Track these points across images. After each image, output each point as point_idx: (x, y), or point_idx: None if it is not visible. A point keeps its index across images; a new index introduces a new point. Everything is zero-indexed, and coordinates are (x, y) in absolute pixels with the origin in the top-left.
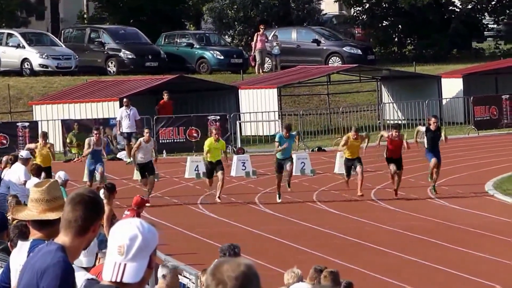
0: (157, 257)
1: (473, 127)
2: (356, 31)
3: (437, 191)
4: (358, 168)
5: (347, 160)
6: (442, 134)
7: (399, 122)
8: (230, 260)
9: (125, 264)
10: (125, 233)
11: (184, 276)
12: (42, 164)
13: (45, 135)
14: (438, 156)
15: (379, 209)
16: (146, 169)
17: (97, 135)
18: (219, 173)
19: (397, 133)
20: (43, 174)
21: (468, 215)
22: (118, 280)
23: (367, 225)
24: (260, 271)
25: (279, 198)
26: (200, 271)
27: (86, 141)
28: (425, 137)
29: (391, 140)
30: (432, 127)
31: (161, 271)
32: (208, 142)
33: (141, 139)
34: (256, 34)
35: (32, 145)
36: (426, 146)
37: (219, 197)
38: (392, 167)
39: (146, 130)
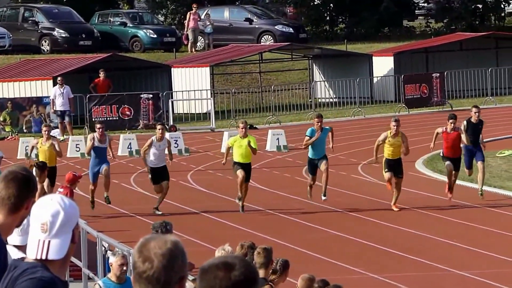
0: (90, 234)
1: (404, 105)
2: (288, 10)
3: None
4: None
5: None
6: (463, 137)
7: (453, 113)
8: (157, 237)
9: (49, 241)
10: (47, 210)
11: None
12: (47, 162)
13: (49, 128)
14: (480, 151)
15: (304, 184)
16: (160, 175)
17: (101, 129)
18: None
19: (452, 125)
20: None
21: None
22: (44, 257)
23: (294, 201)
24: (191, 248)
25: (310, 195)
26: (132, 249)
27: (89, 136)
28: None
29: (447, 135)
30: (474, 119)
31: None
32: (232, 139)
33: (153, 137)
34: (189, 13)
35: (33, 141)
36: (465, 142)
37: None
38: (449, 167)
39: (158, 127)
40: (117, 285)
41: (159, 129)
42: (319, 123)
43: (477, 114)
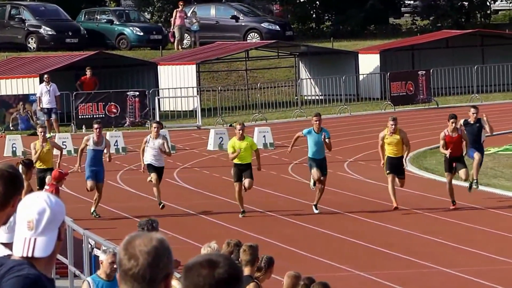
0: (76, 232)
1: (390, 103)
2: (275, 7)
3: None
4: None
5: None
6: (486, 126)
7: (454, 113)
8: (142, 234)
9: (35, 239)
10: (33, 207)
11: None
12: (43, 165)
13: (45, 129)
14: (481, 150)
15: (293, 182)
16: (158, 173)
17: (98, 129)
18: (246, 182)
19: (453, 124)
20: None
21: (382, 189)
22: (30, 255)
23: (280, 199)
24: (177, 245)
25: (316, 209)
26: (118, 246)
27: (85, 138)
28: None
29: (450, 138)
30: (472, 120)
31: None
32: (231, 143)
33: (148, 136)
34: (175, 10)
35: (33, 145)
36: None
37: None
38: (449, 176)
39: (154, 125)
40: (106, 282)
41: (155, 127)
42: (318, 122)
43: (475, 114)
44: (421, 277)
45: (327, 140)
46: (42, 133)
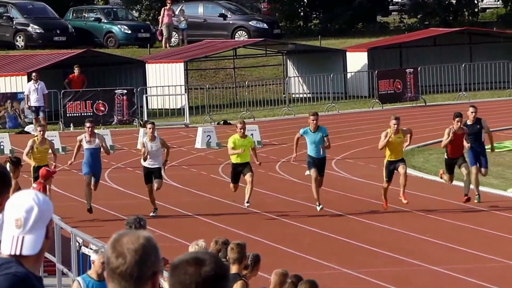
0: (64, 230)
1: (378, 101)
2: (262, 6)
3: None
4: (401, 169)
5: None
6: (485, 128)
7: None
8: (129, 232)
9: (23, 237)
10: (21, 205)
11: (91, 249)
12: (40, 164)
13: (44, 128)
14: (479, 157)
15: (280, 180)
16: (153, 174)
17: (90, 129)
18: (247, 176)
19: (459, 123)
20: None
21: (369, 187)
22: (18, 253)
23: (267, 197)
24: (165, 243)
25: (319, 206)
26: (106, 244)
27: (78, 138)
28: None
29: (455, 135)
30: (470, 120)
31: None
32: (232, 139)
33: (144, 139)
34: (163, 8)
35: (27, 149)
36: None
37: (248, 201)
38: (450, 179)
39: (148, 126)
40: (97, 282)
41: (149, 128)
42: (315, 121)
43: (473, 114)
44: (409, 275)
45: (326, 143)
46: (41, 132)
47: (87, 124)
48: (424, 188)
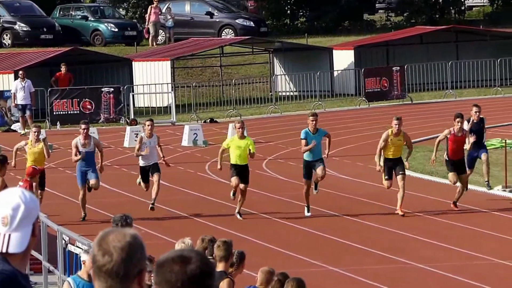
0: (51, 228)
1: (364, 99)
2: (249, 4)
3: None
4: (400, 181)
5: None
6: (467, 141)
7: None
8: (116, 230)
9: (9, 235)
10: (7, 203)
11: (77, 247)
12: (36, 165)
13: (39, 129)
14: (474, 162)
15: (267, 178)
16: (149, 172)
17: (85, 131)
18: (242, 186)
19: (459, 124)
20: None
21: (356, 185)
22: (4, 251)
23: (255, 195)
24: (151, 241)
25: (308, 211)
26: (93, 242)
27: (73, 143)
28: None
29: (454, 137)
30: (475, 119)
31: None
32: (228, 141)
33: (141, 134)
34: (150, 6)
35: (22, 143)
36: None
37: (239, 213)
38: (453, 177)
39: (147, 123)
40: (87, 283)
41: (148, 125)
42: (314, 122)
43: (477, 113)
44: (397, 273)
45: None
46: (36, 133)
47: (82, 126)
48: (410, 186)
